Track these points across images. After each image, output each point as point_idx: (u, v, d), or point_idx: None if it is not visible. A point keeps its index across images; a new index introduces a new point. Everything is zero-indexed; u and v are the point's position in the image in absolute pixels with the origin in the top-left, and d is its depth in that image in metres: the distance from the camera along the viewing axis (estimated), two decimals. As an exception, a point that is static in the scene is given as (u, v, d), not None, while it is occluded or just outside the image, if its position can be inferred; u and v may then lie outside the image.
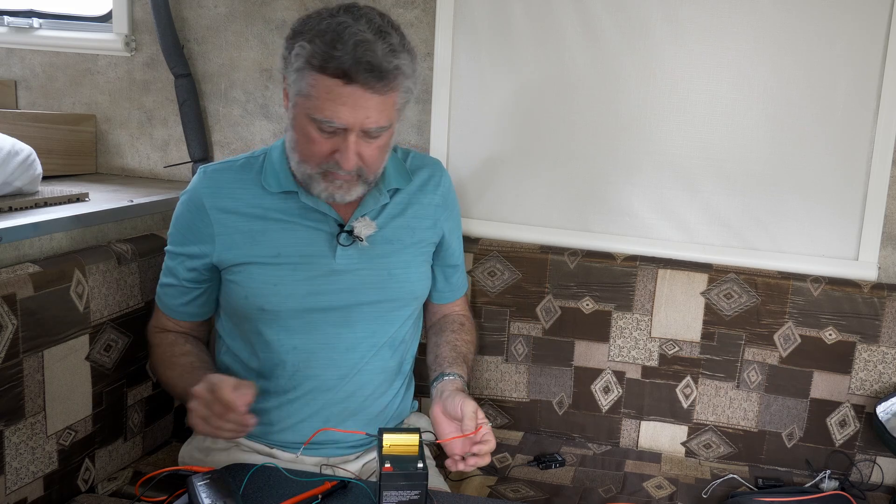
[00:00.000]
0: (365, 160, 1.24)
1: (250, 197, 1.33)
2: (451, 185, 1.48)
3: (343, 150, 1.21)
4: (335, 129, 1.20)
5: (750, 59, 1.71)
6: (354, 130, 1.20)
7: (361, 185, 1.28)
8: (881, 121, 1.68)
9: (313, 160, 1.24)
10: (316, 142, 1.22)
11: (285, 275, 1.32)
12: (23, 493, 1.28)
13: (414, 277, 1.40)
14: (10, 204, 1.46)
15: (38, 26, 2.14)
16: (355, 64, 1.14)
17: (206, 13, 2.00)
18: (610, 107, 1.79)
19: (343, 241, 1.32)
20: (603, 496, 1.55)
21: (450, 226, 1.47)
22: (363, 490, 1.16)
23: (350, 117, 1.18)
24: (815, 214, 1.74)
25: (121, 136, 2.12)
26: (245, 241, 1.32)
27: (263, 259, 1.32)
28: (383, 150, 1.27)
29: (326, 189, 1.26)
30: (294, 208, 1.33)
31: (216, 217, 1.32)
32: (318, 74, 1.16)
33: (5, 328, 1.22)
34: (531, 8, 1.79)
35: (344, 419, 1.36)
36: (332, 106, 1.17)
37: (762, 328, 1.70)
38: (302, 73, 1.18)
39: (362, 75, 1.15)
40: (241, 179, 1.35)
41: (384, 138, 1.25)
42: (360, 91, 1.16)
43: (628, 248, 1.79)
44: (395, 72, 1.17)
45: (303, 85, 1.19)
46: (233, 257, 1.33)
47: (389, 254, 1.36)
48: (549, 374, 1.78)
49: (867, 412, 1.67)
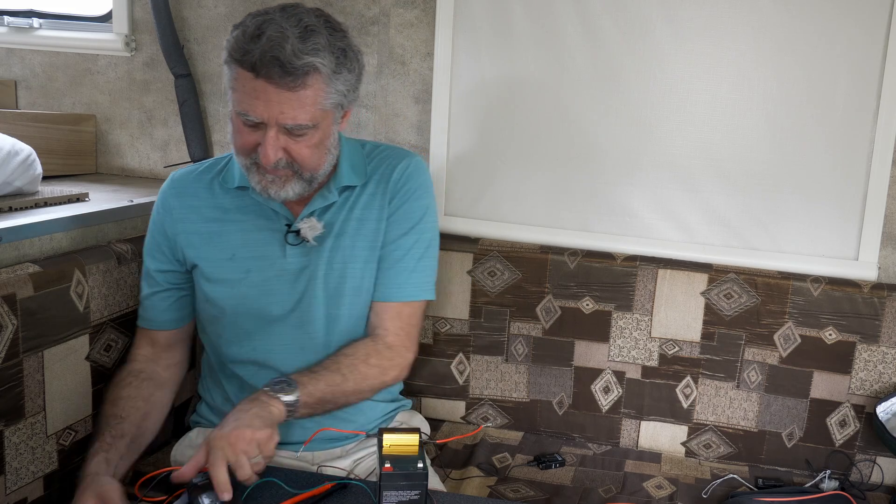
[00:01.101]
0: (293, 156, 1.23)
1: (210, 197, 1.37)
2: (415, 178, 1.39)
3: (263, 144, 1.21)
4: (255, 122, 1.21)
5: (750, 59, 1.71)
6: (272, 125, 1.20)
7: (298, 182, 1.26)
8: (881, 121, 1.68)
9: (243, 152, 1.26)
10: (243, 134, 1.23)
11: (240, 276, 1.34)
12: (23, 493, 1.28)
13: (358, 273, 1.36)
14: (10, 204, 1.46)
15: (38, 26, 2.14)
16: (262, 58, 1.15)
17: (206, 13, 2.00)
18: (610, 107, 1.79)
19: (291, 240, 1.33)
20: (603, 496, 1.55)
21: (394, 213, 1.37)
22: (363, 490, 1.16)
23: (264, 111, 1.18)
24: (815, 214, 1.74)
25: (121, 136, 2.12)
26: (203, 243, 1.35)
27: (219, 261, 1.34)
28: (317, 150, 1.25)
29: (260, 182, 1.26)
30: (250, 206, 1.35)
31: (180, 216, 1.37)
32: (238, 67, 1.18)
33: (5, 328, 1.22)
34: (531, 8, 1.79)
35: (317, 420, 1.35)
36: (247, 99, 1.19)
37: (762, 328, 1.70)
38: (228, 66, 1.21)
39: (266, 69, 1.15)
40: (203, 180, 1.39)
41: (313, 138, 1.23)
42: (269, 86, 1.17)
43: (628, 248, 1.79)
44: (304, 69, 1.16)
45: (229, 77, 1.22)
46: (192, 258, 1.36)
47: (336, 248, 1.35)
48: (549, 374, 1.78)
49: (867, 412, 1.67)
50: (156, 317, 1.41)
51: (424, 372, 1.83)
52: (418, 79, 1.90)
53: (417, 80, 1.90)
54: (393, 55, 1.90)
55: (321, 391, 1.25)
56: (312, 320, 1.35)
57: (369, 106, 1.94)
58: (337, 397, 1.28)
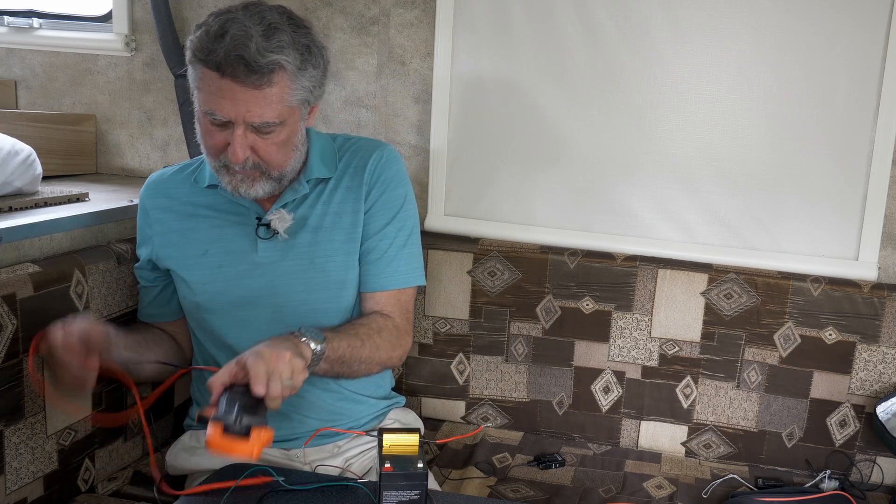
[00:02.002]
0: (261, 155, 1.24)
1: (184, 195, 1.39)
2: (389, 165, 1.40)
3: (231, 144, 1.22)
4: (222, 122, 1.21)
5: (750, 59, 1.71)
6: (240, 124, 1.20)
7: (266, 181, 1.27)
8: (881, 121, 1.68)
9: (212, 153, 1.26)
10: (211, 134, 1.24)
11: (213, 272, 1.36)
12: (23, 493, 1.28)
13: (338, 266, 1.36)
14: (10, 204, 1.46)
15: (38, 26, 2.14)
16: (226, 57, 1.15)
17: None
18: (610, 107, 1.79)
19: (262, 234, 1.34)
20: (603, 496, 1.55)
21: (373, 204, 1.38)
22: (363, 490, 1.16)
23: (231, 110, 1.19)
24: (815, 214, 1.74)
25: (121, 136, 2.12)
26: (178, 240, 1.38)
27: (193, 257, 1.36)
28: (284, 148, 1.26)
29: (231, 182, 1.27)
30: (221, 202, 1.37)
31: (155, 217, 1.40)
32: (203, 67, 1.19)
33: (5, 328, 1.22)
34: (531, 8, 1.79)
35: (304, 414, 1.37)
36: (213, 98, 1.19)
37: (762, 328, 1.70)
38: (192, 66, 1.22)
39: (231, 68, 1.16)
40: (178, 179, 1.42)
41: (280, 135, 1.24)
42: (235, 85, 1.17)
43: (628, 248, 1.79)
44: (270, 66, 1.17)
45: (194, 77, 1.22)
46: (167, 255, 1.38)
47: (312, 243, 1.35)
48: (549, 374, 1.78)
49: (867, 412, 1.67)
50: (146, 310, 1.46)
51: (424, 372, 1.83)
52: (418, 79, 1.90)
53: (417, 80, 1.90)
54: (393, 55, 1.90)
55: (342, 349, 1.25)
56: (294, 315, 1.34)
57: (369, 106, 1.94)
58: (352, 361, 1.28)
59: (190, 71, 1.23)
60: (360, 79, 1.93)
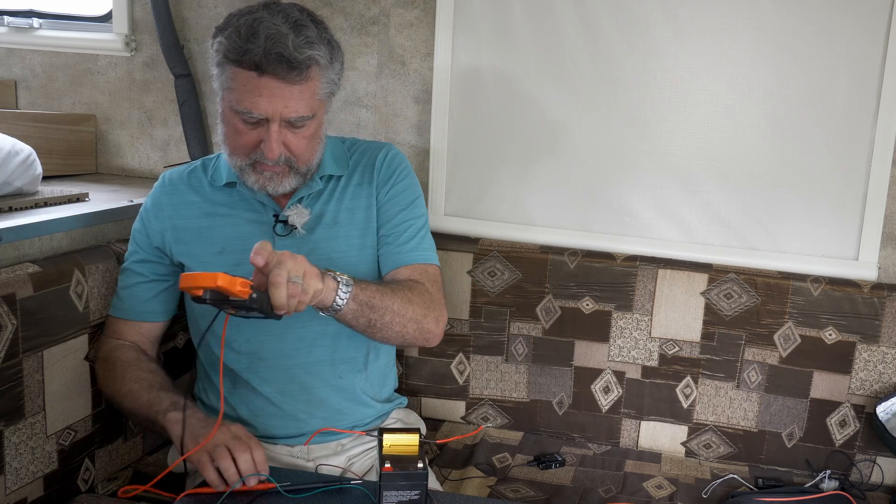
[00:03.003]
0: (292, 150, 1.27)
1: (201, 194, 1.40)
2: (396, 160, 1.44)
3: (266, 141, 1.24)
4: (257, 119, 1.23)
5: (750, 59, 1.71)
6: (275, 120, 1.23)
7: (294, 176, 1.31)
8: (881, 121, 1.68)
9: (241, 152, 1.28)
10: (242, 133, 1.26)
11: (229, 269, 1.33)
12: (23, 493, 1.28)
13: (355, 260, 1.38)
14: (10, 204, 1.46)
15: (38, 26, 2.14)
16: (266, 55, 1.18)
17: (206, 13, 2.00)
18: (610, 106, 1.79)
19: (280, 231, 1.35)
20: (603, 496, 1.55)
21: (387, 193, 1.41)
22: (362, 490, 1.16)
23: (268, 108, 1.22)
24: (815, 214, 1.74)
25: (121, 136, 2.12)
26: (193, 239, 1.38)
27: (209, 254, 1.36)
28: (312, 141, 1.30)
29: (258, 181, 1.29)
30: (237, 200, 1.38)
31: (170, 214, 1.39)
32: (236, 68, 1.21)
33: (5, 328, 1.22)
34: (531, 8, 1.79)
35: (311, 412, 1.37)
36: (250, 97, 1.21)
37: (762, 328, 1.70)
38: (222, 68, 1.24)
39: (273, 66, 1.19)
40: (194, 178, 1.42)
41: (310, 128, 1.28)
42: (274, 82, 1.20)
43: (628, 248, 1.79)
44: (307, 62, 1.21)
45: (224, 79, 1.24)
46: (181, 252, 1.38)
47: (330, 239, 1.37)
48: (549, 374, 1.78)
49: (867, 412, 1.67)
50: (135, 307, 1.41)
51: (424, 372, 1.83)
52: (418, 79, 1.90)
53: (417, 80, 1.90)
54: (393, 55, 1.90)
55: (371, 292, 1.23)
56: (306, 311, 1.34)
57: (369, 106, 1.94)
58: (382, 310, 1.24)
59: (218, 73, 1.25)
60: (360, 79, 1.93)
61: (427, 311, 1.32)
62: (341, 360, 1.39)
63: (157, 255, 1.41)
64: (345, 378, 1.40)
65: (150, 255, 1.41)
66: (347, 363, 1.40)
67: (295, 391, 1.37)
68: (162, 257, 1.41)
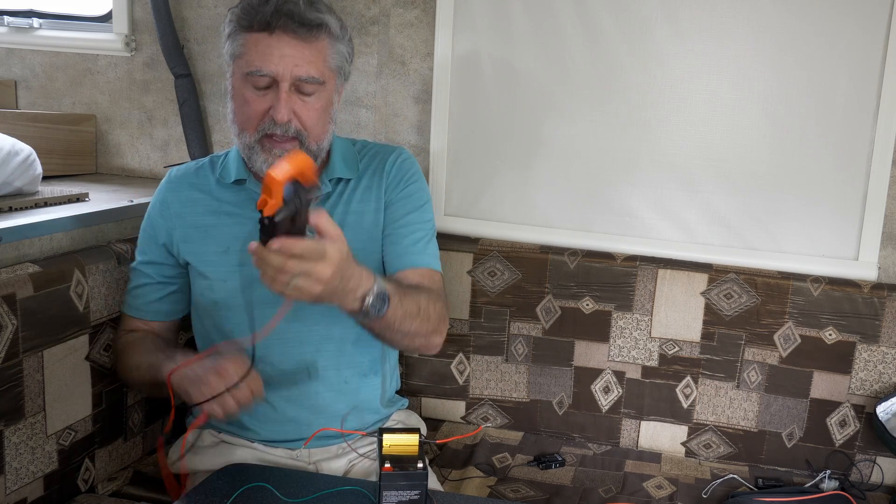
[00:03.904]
0: (302, 120, 1.27)
1: (207, 192, 1.40)
2: (407, 164, 1.43)
3: (276, 104, 1.25)
4: (267, 81, 1.25)
5: (750, 59, 1.71)
6: (286, 80, 1.24)
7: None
8: (881, 121, 1.68)
9: (250, 123, 1.28)
10: (251, 102, 1.27)
11: (233, 269, 1.35)
12: (23, 493, 1.28)
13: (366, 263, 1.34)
14: (10, 204, 1.46)
15: (38, 26, 2.14)
16: (276, 13, 1.22)
17: (206, 13, 2.00)
18: (610, 106, 1.79)
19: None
20: (603, 496, 1.55)
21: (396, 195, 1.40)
22: (362, 490, 1.16)
23: (278, 64, 1.24)
24: (815, 214, 1.74)
25: (121, 136, 2.12)
26: (199, 236, 1.37)
27: (214, 254, 1.36)
28: (322, 114, 1.30)
29: (266, 161, 1.28)
30: (245, 199, 1.37)
31: (177, 210, 1.39)
32: (247, 33, 1.25)
33: (5, 328, 1.22)
34: (531, 8, 1.79)
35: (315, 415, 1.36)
36: (260, 57, 1.24)
37: (762, 328, 1.70)
38: (234, 37, 1.26)
39: (283, 21, 1.22)
40: (201, 176, 1.42)
41: (321, 99, 1.29)
42: (285, 37, 1.23)
43: (628, 248, 1.79)
44: (317, 21, 1.25)
45: (235, 47, 1.27)
46: (185, 253, 1.38)
47: None
48: (549, 374, 1.78)
49: (867, 412, 1.67)
50: (145, 306, 1.42)
51: (424, 372, 1.83)
52: (418, 79, 1.90)
53: (417, 80, 1.90)
54: (393, 55, 1.90)
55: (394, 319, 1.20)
56: (309, 314, 1.33)
57: (369, 106, 1.94)
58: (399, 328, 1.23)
59: (228, 46, 1.28)
60: (360, 79, 1.93)
61: (437, 326, 1.33)
62: (347, 365, 1.39)
63: (163, 256, 1.41)
64: (350, 383, 1.39)
65: (157, 256, 1.41)
66: (353, 368, 1.40)
67: (298, 396, 1.36)
68: (168, 257, 1.41)
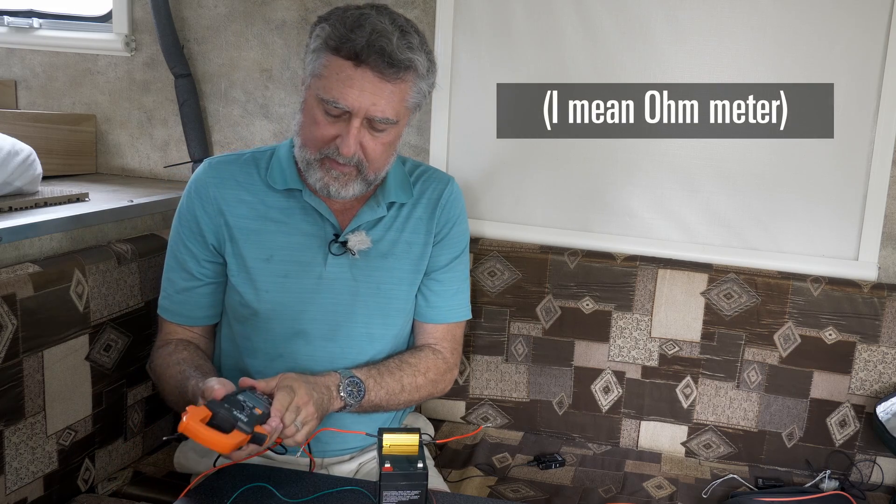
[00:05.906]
0: (367, 153, 1.24)
1: (254, 193, 1.33)
2: (458, 202, 1.43)
3: (344, 136, 1.21)
4: (340, 112, 1.20)
5: (750, 59, 1.71)
6: (359, 116, 1.20)
7: (359, 183, 1.26)
8: (881, 121, 1.68)
9: (314, 144, 1.24)
10: (320, 125, 1.22)
11: (275, 280, 1.31)
12: (23, 493, 1.28)
13: (403, 295, 1.37)
14: (10, 204, 1.46)
15: (38, 26, 2.14)
16: (368, 47, 1.16)
17: (206, 13, 2.00)
18: (610, 106, 1.79)
19: (335, 250, 1.31)
20: (603, 496, 1.55)
21: (445, 236, 1.40)
22: (362, 490, 1.16)
23: (356, 100, 1.19)
24: (815, 214, 1.74)
25: (121, 136, 2.12)
26: (241, 238, 1.32)
27: (256, 260, 1.31)
28: (388, 149, 1.27)
29: (322, 179, 1.25)
30: (295, 207, 1.32)
31: (221, 207, 1.32)
32: (333, 56, 1.19)
33: (5, 328, 1.22)
34: (531, 8, 1.79)
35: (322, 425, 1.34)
36: (340, 87, 1.19)
37: (762, 328, 1.70)
38: (318, 54, 1.21)
39: (373, 58, 1.17)
40: (246, 174, 1.34)
41: (390, 135, 1.25)
42: (370, 74, 1.18)
43: (628, 248, 1.79)
44: (406, 63, 1.19)
45: (317, 65, 1.21)
46: (228, 252, 1.33)
47: (381, 268, 1.34)
48: (549, 374, 1.78)
49: (867, 412, 1.67)
50: (192, 312, 1.37)
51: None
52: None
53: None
54: (393, 55, 1.90)
55: (378, 399, 1.29)
56: (349, 336, 1.33)
57: (369, 106, 1.93)
58: (387, 405, 1.32)
59: (311, 59, 1.23)
60: (360, 79, 1.92)
61: (435, 386, 1.40)
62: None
63: (210, 254, 1.34)
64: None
65: (203, 254, 1.34)
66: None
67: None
68: (216, 255, 1.34)
